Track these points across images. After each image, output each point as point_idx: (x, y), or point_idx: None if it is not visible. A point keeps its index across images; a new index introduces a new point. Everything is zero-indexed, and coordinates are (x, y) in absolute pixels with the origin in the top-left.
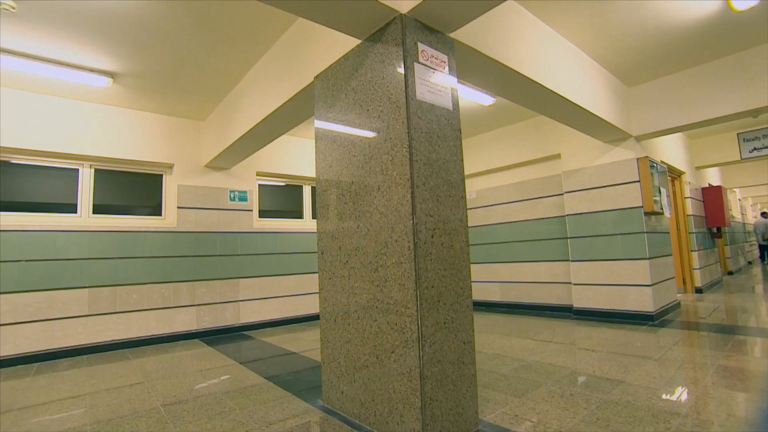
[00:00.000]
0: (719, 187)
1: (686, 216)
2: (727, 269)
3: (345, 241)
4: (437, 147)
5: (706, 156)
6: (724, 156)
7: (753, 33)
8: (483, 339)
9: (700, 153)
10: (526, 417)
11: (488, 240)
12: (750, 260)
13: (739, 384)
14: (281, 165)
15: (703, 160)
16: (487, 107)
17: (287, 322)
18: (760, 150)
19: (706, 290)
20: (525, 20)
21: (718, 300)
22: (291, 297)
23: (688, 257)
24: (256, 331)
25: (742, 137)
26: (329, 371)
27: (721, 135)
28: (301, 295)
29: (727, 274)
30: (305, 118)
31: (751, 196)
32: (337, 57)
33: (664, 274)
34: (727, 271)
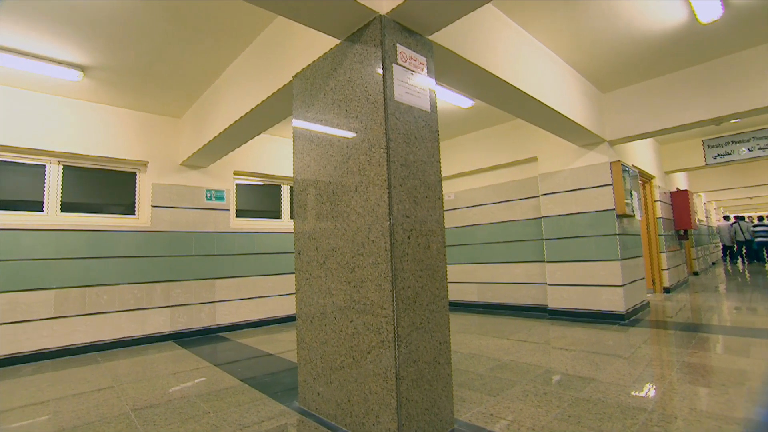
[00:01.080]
0: (686, 191)
1: (656, 218)
2: (693, 270)
3: (322, 242)
4: (415, 148)
5: (674, 161)
6: (691, 161)
7: (716, 45)
8: (460, 339)
9: (668, 158)
10: (500, 416)
11: (466, 241)
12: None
13: (701, 380)
14: (259, 164)
15: (672, 165)
16: (466, 109)
17: (265, 323)
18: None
19: (674, 290)
20: (503, 24)
21: (685, 299)
22: (269, 298)
23: (657, 258)
24: (232, 332)
25: (706, 144)
26: (305, 373)
27: (688, 141)
28: (279, 295)
29: (693, 274)
30: (284, 117)
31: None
32: (316, 56)
33: (635, 275)
34: (693, 272)
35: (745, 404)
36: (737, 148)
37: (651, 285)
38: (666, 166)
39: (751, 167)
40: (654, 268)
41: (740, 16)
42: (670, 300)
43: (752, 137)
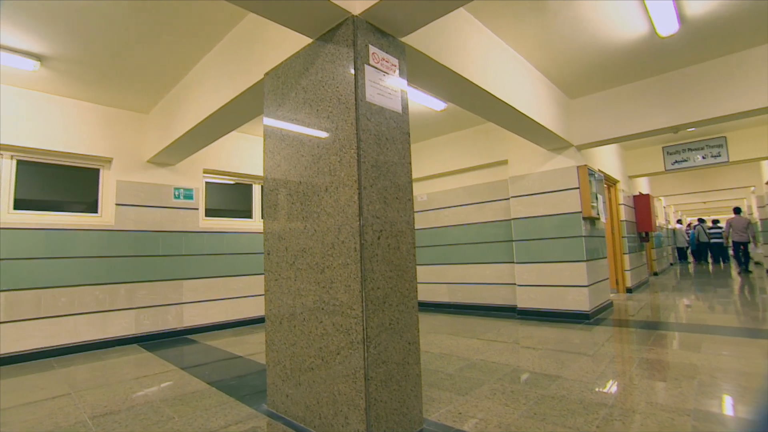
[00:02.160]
0: (648, 195)
1: (620, 221)
2: (653, 270)
3: (292, 242)
4: (386, 149)
5: (636, 166)
6: (651, 167)
7: (674, 57)
8: (430, 339)
9: (632, 163)
10: (469, 414)
11: (438, 242)
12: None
13: (658, 375)
14: (230, 163)
15: (635, 170)
16: (438, 112)
17: (235, 325)
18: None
19: (636, 290)
20: (475, 29)
21: (645, 299)
22: (239, 299)
23: (620, 259)
24: (200, 334)
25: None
26: (274, 375)
27: (649, 148)
28: (249, 296)
29: (653, 274)
30: (255, 116)
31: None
32: (288, 55)
33: (600, 276)
34: (653, 272)
35: (695, 396)
36: (693, 156)
37: (614, 285)
38: (629, 171)
39: (705, 173)
40: (617, 269)
41: (695, 32)
42: (632, 299)
43: (706, 145)
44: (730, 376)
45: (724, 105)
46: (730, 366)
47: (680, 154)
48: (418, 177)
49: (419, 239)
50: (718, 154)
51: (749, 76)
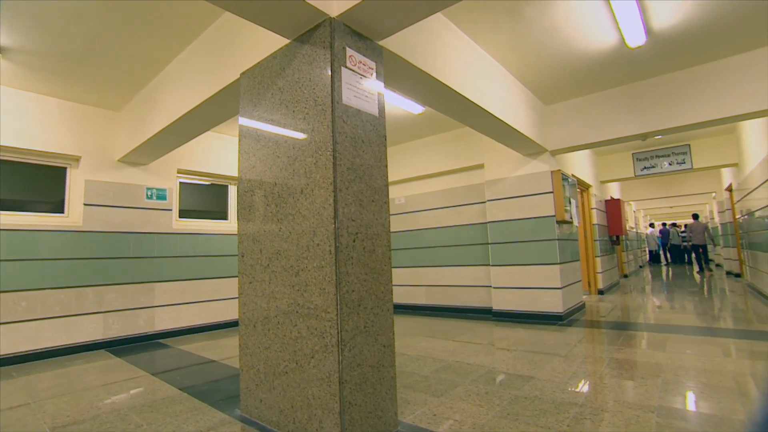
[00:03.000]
0: (618, 199)
1: (592, 225)
2: (624, 272)
3: (266, 244)
4: (362, 152)
5: (608, 172)
6: (622, 173)
7: (642, 68)
8: (407, 341)
9: (604, 169)
10: (444, 416)
11: (416, 244)
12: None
13: (626, 374)
14: (205, 163)
15: (606, 175)
16: (416, 115)
17: (209, 329)
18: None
19: (607, 291)
20: (453, 34)
21: (616, 300)
22: (213, 302)
23: (592, 262)
24: (173, 338)
25: (635, 157)
26: (248, 379)
27: (620, 154)
28: (224, 299)
29: (624, 276)
30: (231, 116)
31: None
32: (265, 55)
33: (573, 278)
34: (624, 274)
35: (659, 394)
36: (660, 162)
37: (587, 287)
38: (601, 176)
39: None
40: (590, 271)
41: (661, 44)
42: (603, 301)
43: (671, 152)
44: (691, 374)
45: (688, 114)
46: (691, 364)
47: (649, 160)
48: (397, 180)
49: (397, 242)
50: (682, 161)
51: (711, 88)
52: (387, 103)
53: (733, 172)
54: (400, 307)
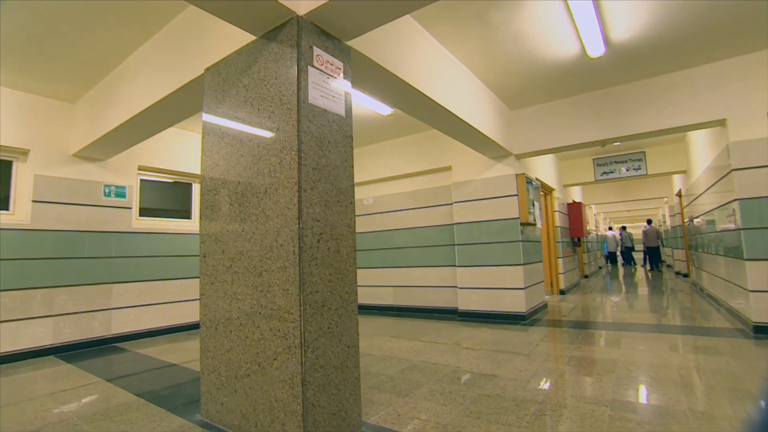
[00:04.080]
0: (580, 203)
1: (554, 227)
2: (584, 273)
3: (229, 245)
4: (327, 152)
5: (570, 176)
6: (583, 177)
7: (602, 77)
8: (374, 342)
9: (566, 173)
10: (408, 416)
11: (384, 245)
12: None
13: (583, 370)
14: (169, 160)
15: (569, 179)
16: (385, 117)
17: (170, 331)
18: (608, 174)
19: (568, 291)
20: (422, 37)
21: (577, 300)
22: (176, 303)
23: (555, 263)
24: (132, 342)
25: (596, 162)
26: (209, 382)
27: (582, 159)
28: (187, 300)
29: (584, 277)
30: (195, 112)
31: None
32: (230, 51)
33: (535, 278)
34: (584, 275)
35: (612, 389)
36: (618, 168)
37: (549, 287)
38: (564, 180)
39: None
40: (552, 272)
41: (620, 56)
42: (564, 301)
43: (629, 159)
44: (642, 369)
45: (643, 123)
46: (642, 360)
47: (608, 165)
48: (365, 180)
49: (365, 243)
50: (638, 167)
51: (663, 99)
52: (356, 104)
53: (682, 178)
54: (367, 308)
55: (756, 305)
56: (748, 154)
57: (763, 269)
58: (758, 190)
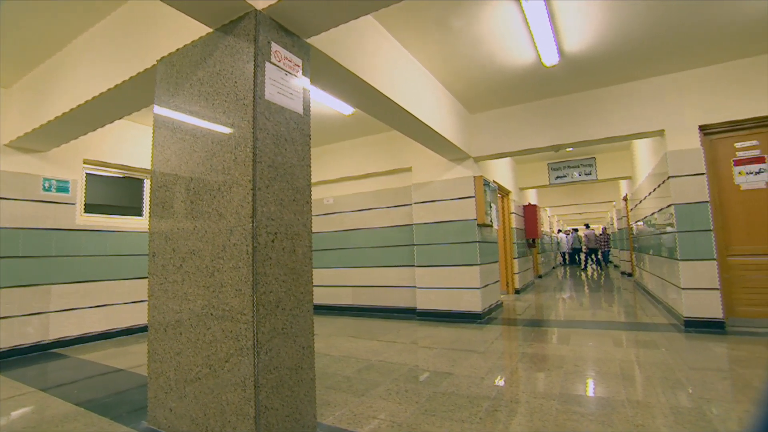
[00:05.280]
0: (535, 205)
1: (510, 228)
2: (539, 273)
3: (180, 243)
4: (284, 150)
5: (526, 179)
6: (538, 180)
7: (556, 85)
8: (332, 342)
9: (522, 176)
10: (363, 415)
11: (343, 245)
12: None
13: (535, 366)
14: (118, 154)
15: (525, 182)
16: (347, 116)
17: (117, 334)
18: (561, 178)
19: (523, 291)
20: (383, 38)
21: (531, 299)
22: (124, 305)
23: (510, 263)
24: (73, 347)
25: (550, 166)
26: (156, 387)
27: (537, 163)
28: (136, 302)
29: (538, 277)
30: (147, 104)
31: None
32: (185, 42)
33: (491, 278)
34: (538, 275)
35: (561, 383)
36: (571, 172)
37: (505, 287)
38: (520, 183)
39: (580, 188)
40: (508, 272)
41: (572, 65)
42: (519, 300)
43: (580, 164)
44: (588, 364)
45: (594, 130)
46: (589, 355)
47: (561, 170)
48: (326, 180)
49: (325, 242)
50: (589, 172)
51: (610, 109)
52: (317, 102)
53: (628, 183)
54: (326, 308)
55: (687, 301)
56: (683, 162)
57: (694, 269)
58: (691, 196)
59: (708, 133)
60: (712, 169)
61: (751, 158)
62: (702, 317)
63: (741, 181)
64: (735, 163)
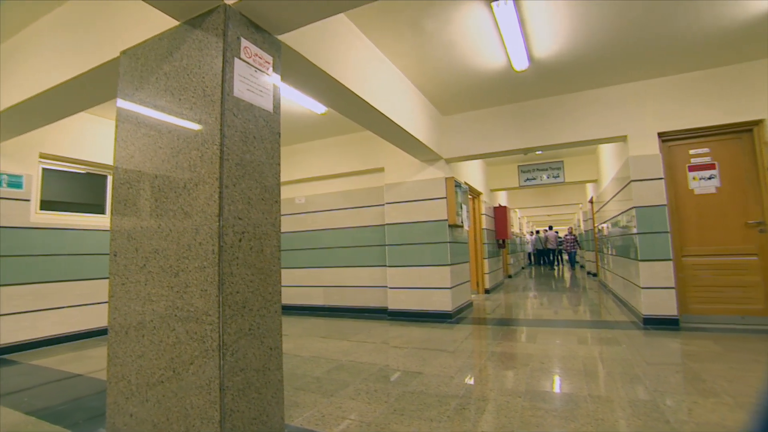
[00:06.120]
0: (505, 207)
1: (481, 229)
2: (508, 273)
3: (143, 243)
4: (253, 148)
5: (497, 181)
6: (509, 182)
7: (526, 90)
8: (302, 343)
9: (493, 178)
10: (332, 416)
11: (315, 245)
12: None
13: (502, 365)
14: (79, 148)
15: (495, 184)
16: (320, 115)
17: (76, 338)
18: (531, 180)
19: (493, 291)
20: (357, 38)
21: (500, 299)
22: (83, 307)
23: (481, 263)
24: (25, 352)
25: (520, 169)
26: (116, 392)
27: (508, 166)
28: (98, 303)
29: (508, 277)
30: (110, 97)
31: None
32: (150, 35)
33: (462, 278)
34: (508, 275)
35: (527, 380)
36: (540, 175)
37: (475, 287)
38: (491, 184)
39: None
40: (478, 272)
41: (542, 71)
42: (489, 299)
43: (549, 167)
44: (554, 361)
45: (562, 134)
46: (554, 353)
47: (531, 173)
48: (298, 179)
49: (296, 242)
50: (557, 175)
51: (577, 114)
52: (290, 101)
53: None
54: (297, 309)
55: (645, 300)
56: (644, 167)
57: (652, 269)
58: (650, 199)
59: (666, 139)
60: (669, 174)
61: (704, 164)
62: (659, 315)
63: (694, 185)
64: (689, 169)
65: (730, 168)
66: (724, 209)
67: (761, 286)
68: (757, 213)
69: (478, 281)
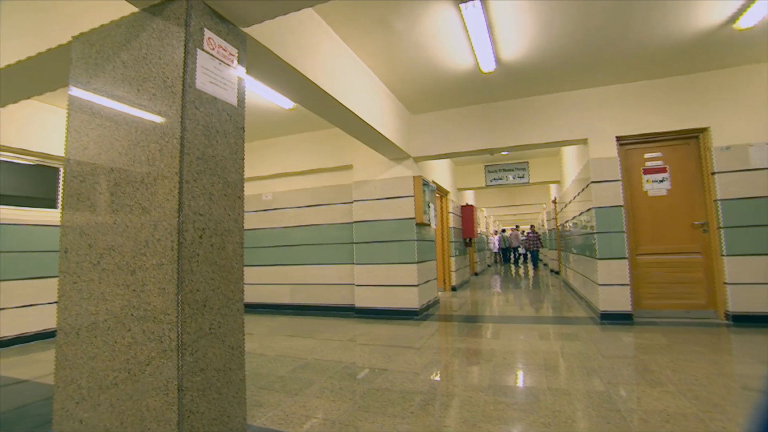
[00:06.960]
0: (472, 206)
1: (448, 228)
2: (475, 271)
3: (97, 239)
4: (215, 143)
5: (464, 180)
6: (476, 182)
7: (493, 91)
8: (267, 341)
9: (460, 177)
10: (296, 415)
11: (281, 242)
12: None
13: (467, 361)
14: (27, 139)
15: (463, 183)
16: (288, 110)
17: (21, 341)
18: (497, 180)
19: (459, 288)
20: (325, 34)
21: (467, 296)
22: (30, 307)
23: (448, 261)
24: None
25: (487, 169)
26: (65, 397)
27: (475, 165)
28: (45, 304)
29: (474, 275)
30: (61, 85)
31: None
32: (107, 20)
33: (429, 276)
34: (474, 273)
35: (490, 376)
36: (506, 175)
37: (442, 284)
38: (458, 184)
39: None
40: (445, 270)
41: (508, 73)
42: (455, 297)
43: (515, 167)
44: (516, 357)
45: (527, 135)
46: (517, 348)
47: (497, 173)
48: (265, 175)
49: (263, 239)
50: (522, 175)
51: (540, 116)
52: (257, 95)
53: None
54: (263, 307)
55: (603, 296)
56: (602, 169)
57: (609, 267)
58: (609, 200)
59: (623, 143)
60: (626, 176)
61: (657, 168)
62: (615, 310)
63: (648, 188)
64: (644, 172)
65: (680, 172)
66: (674, 210)
67: (704, 282)
68: (701, 214)
69: (445, 279)
